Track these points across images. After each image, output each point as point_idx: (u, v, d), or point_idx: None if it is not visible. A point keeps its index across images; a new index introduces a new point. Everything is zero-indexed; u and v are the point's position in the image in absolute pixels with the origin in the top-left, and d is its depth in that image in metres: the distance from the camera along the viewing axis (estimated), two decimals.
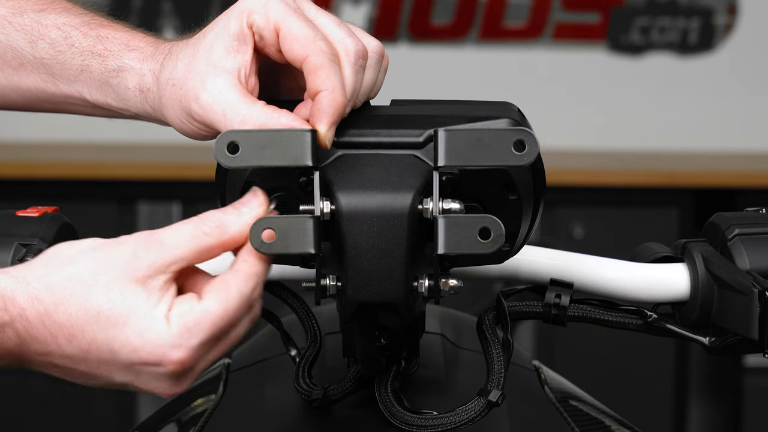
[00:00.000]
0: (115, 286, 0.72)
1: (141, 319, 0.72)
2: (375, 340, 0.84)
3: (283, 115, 0.78)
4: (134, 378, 0.74)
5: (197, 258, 0.74)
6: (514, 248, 0.84)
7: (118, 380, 0.74)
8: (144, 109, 0.87)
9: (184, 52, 0.83)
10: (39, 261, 0.74)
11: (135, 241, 0.74)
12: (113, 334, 0.72)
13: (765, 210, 0.90)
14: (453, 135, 0.75)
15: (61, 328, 0.72)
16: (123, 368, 0.73)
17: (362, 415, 0.89)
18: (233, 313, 0.73)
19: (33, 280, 0.73)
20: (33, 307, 0.72)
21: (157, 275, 0.73)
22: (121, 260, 0.73)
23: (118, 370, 0.73)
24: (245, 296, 0.74)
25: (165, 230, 0.74)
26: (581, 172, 3.12)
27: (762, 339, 0.80)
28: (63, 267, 0.73)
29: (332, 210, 0.75)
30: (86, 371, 0.74)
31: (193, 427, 0.95)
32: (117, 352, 0.72)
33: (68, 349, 0.73)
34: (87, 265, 0.73)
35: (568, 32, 3.50)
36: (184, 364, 0.72)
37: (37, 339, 0.73)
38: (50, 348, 0.73)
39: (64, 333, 0.72)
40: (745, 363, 3.08)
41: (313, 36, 0.78)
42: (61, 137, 3.27)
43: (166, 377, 0.73)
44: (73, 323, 0.72)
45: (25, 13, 0.92)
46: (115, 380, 0.74)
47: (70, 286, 0.72)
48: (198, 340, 0.72)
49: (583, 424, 0.97)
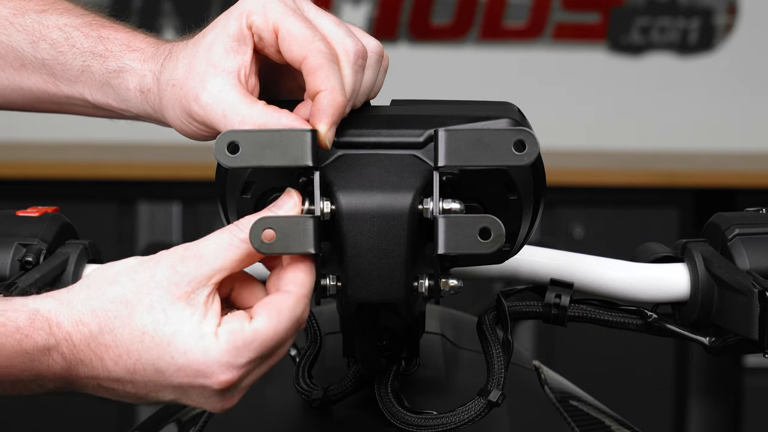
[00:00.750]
0: (158, 305, 0.72)
1: (186, 338, 0.72)
2: (375, 340, 0.84)
3: (284, 115, 0.78)
4: (182, 396, 0.74)
5: (238, 266, 0.74)
6: (514, 248, 0.84)
7: (167, 398, 0.74)
8: (144, 110, 0.87)
9: (184, 53, 0.83)
10: (81, 284, 0.75)
11: (173, 257, 0.74)
12: (158, 354, 0.72)
13: (765, 210, 0.90)
14: (453, 135, 0.75)
15: (107, 349, 0.73)
16: (170, 387, 0.73)
17: (362, 415, 0.89)
18: (283, 334, 0.73)
19: (77, 303, 0.73)
20: (78, 331, 0.73)
21: (199, 289, 0.73)
22: (162, 278, 0.73)
23: (165, 389, 0.74)
24: (296, 318, 0.74)
25: (202, 242, 0.74)
26: (581, 172, 3.12)
27: (762, 339, 0.80)
28: (106, 288, 0.74)
29: (332, 210, 0.75)
30: (134, 392, 0.74)
31: (193, 427, 0.95)
32: (163, 372, 0.73)
33: (115, 371, 0.73)
34: (129, 286, 0.73)
35: (568, 32, 3.50)
36: (231, 382, 0.73)
37: (83, 362, 0.73)
38: (97, 371, 0.73)
39: (110, 355, 0.73)
40: (745, 363, 3.08)
41: (311, 36, 0.78)
42: (61, 137, 3.27)
43: (214, 394, 0.74)
44: (118, 344, 0.72)
45: (27, 13, 0.92)
46: (163, 399, 0.74)
47: (114, 308, 0.73)
48: (246, 359, 0.73)
49: (583, 424, 0.97)
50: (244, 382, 0.74)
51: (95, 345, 0.72)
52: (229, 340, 0.72)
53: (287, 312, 0.74)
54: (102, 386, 0.74)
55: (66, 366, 0.73)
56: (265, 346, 0.73)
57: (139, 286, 0.73)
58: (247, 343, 0.72)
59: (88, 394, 0.75)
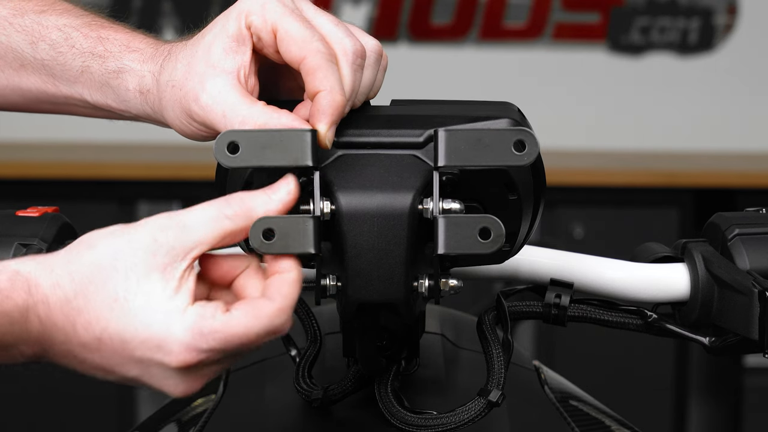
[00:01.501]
0: (132, 274, 0.72)
1: (152, 312, 0.71)
2: (375, 340, 0.84)
3: (284, 115, 0.78)
4: (144, 372, 0.73)
5: (219, 243, 0.74)
6: (514, 248, 0.84)
7: (131, 374, 0.74)
8: (144, 111, 0.87)
9: (183, 54, 0.83)
10: (65, 249, 0.74)
11: (154, 226, 0.73)
12: (124, 324, 0.72)
13: (765, 210, 0.90)
14: (453, 135, 0.75)
15: (80, 314, 0.72)
16: (133, 361, 0.73)
17: (362, 415, 0.89)
18: (253, 337, 0.73)
19: (56, 267, 0.73)
20: (54, 294, 0.72)
21: (177, 262, 0.72)
22: (140, 245, 0.72)
23: (130, 363, 0.73)
24: (272, 327, 0.73)
25: (187, 212, 0.74)
26: (581, 172, 3.12)
27: (762, 339, 0.80)
28: (84, 252, 0.73)
29: (332, 210, 0.75)
30: (101, 363, 0.74)
31: (193, 427, 0.95)
32: (128, 343, 0.72)
33: (85, 337, 0.72)
34: (106, 251, 0.73)
35: (568, 32, 3.50)
36: (189, 363, 0.72)
37: (57, 326, 0.72)
38: (69, 336, 0.73)
39: (81, 320, 0.72)
40: (745, 363, 3.08)
41: (310, 37, 0.78)
42: (61, 137, 3.27)
43: (173, 374, 0.73)
44: (89, 310, 0.72)
45: (26, 14, 0.92)
46: (128, 374, 0.74)
47: (89, 273, 0.72)
48: (208, 347, 0.72)
49: (583, 424, 0.97)
50: (203, 369, 0.73)
51: (68, 309, 0.72)
52: (196, 322, 0.71)
53: (265, 319, 0.72)
54: (73, 354, 0.73)
55: (42, 330, 0.72)
56: (230, 342, 0.72)
57: (116, 251, 0.72)
58: (213, 331, 0.71)
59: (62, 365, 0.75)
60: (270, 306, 0.73)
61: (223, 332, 0.72)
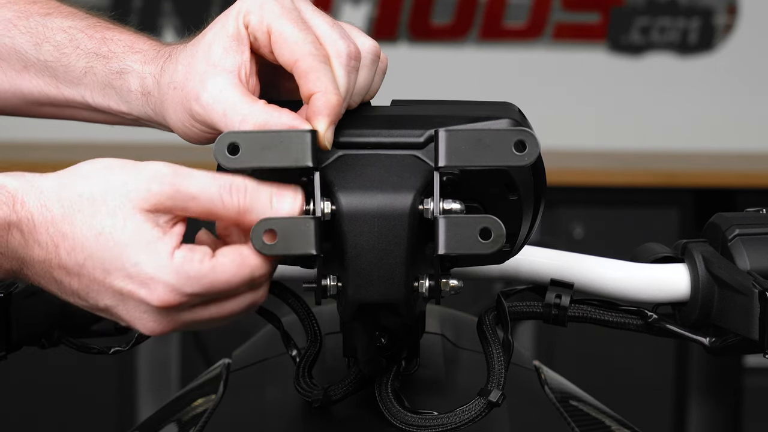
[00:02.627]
0: (120, 212, 0.73)
1: (140, 250, 0.73)
2: (375, 340, 0.84)
3: (284, 115, 0.78)
4: (119, 303, 0.75)
5: (204, 217, 0.75)
6: (514, 248, 0.84)
7: (104, 303, 0.75)
8: (146, 113, 0.87)
9: (184, 55, 0.83)
10: (57, 174, 0.76)
11: (152, 173, 0.74)
12: (110, 257, 0.73)
13: (765, 210, 0.90)
14: (453, 135, 0.75)
15: (64, 238, 0.74)
16: (111, 291, 0.74)
17: (362, 416, 0.89)
18: (235, 284, 0.74)
19: (46, 189, 0.74)
20: (41, 214, 0.74)
21: (163, 213, 0.74)
22: (133, 188, 0.74)
23: (107, 292, 0.74)
24: (256, 275, 0.74)
25: (188, 176, 0.74)
26: (581, 172, 3.12)
27: (762, 339, 0.80)
28: (77, 181, 0.75)
29: (333, 210, 0.75)
30: (78, 287, 0.75)
31: (193, 427, 0.95)
32: (110, 273, 0.73)
33: (66, 261, 0.74)
34: (99, 185, 0.74)
35: (568, 32, 3.50)
36: (171, 304, 0.73)
37: (40, 244, 0.74)
38: (50, 256, 0.74)
39: (65, 245, 0.74)
40: (745, 363, 3.08)
41: (302, 39, 0.78)
42: (62, 137, 3.27)
43: (150, 311, 0.74)
44: (75, 236, 0.73)
45: (31, 16, 0.92)
46: (101, 303, 0.75)
47: (80, 202, 0.74)
48: (193, 290, 0.73)
49: (583, 424, 0.97)
50: (181, 314, 0.75)
51: (54, 231, 0.74)
52: (183, 265, 0.73)
53: (249, 267, 0.74)
54: (51, 275, 0.75)
55: (23, 244, 0.74)
56: (215, 287, 0.73)
57: (108, 188, 0.74)
58: (200, 276, 0.73)
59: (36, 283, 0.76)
60: (255, 255, 0.74)
61: (209, 278, 0.73)
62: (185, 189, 0.74)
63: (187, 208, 0.74)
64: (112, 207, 0.73)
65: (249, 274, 0.74)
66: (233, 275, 0.74)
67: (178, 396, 1.09)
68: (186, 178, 0.74)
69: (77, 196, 0.74)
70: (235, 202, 0.74)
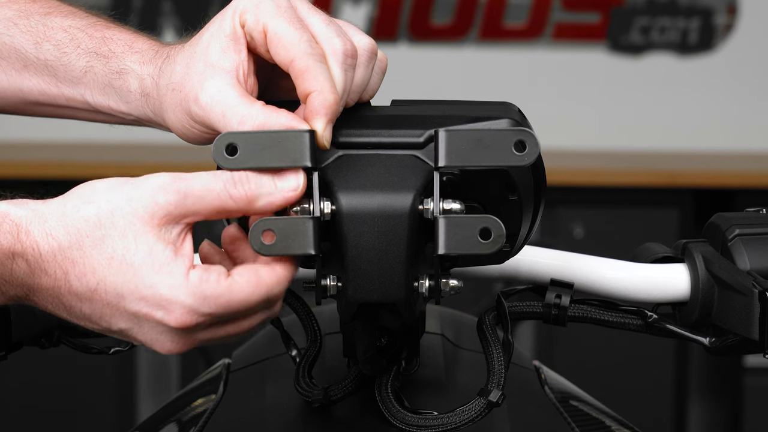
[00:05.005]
0: (130, 233, 0.72)
1: (155, 272, 0.72)
2: (375, 340, 0.84)
3: (282, 115, 0.77)
4: (134, 326, 0.74)
5: (215, 216, 0.75)
6: (514, 248, 0.84)
7: (118, 327, 0.74)
8: (145, 114, 0.87)
9: (181, 55, 0.83)
10: (59, 200, 0.75)
11: (156, 185, 0.74)
12: (123, 280, 0.72)
13: (765, 210, 0.90)
14: (453, 135, 0.75)
15: (74, 265, 0.73)
16: (126, 315, 0.73)
17: (362, 415, 0.89)
18: (254, 303, 0.74)
19: (50, 218, 0.73)
20: (47, 242, 0.73)
21: (172, 224, 0.73)
22: (139, 204, 0.73)
23: (121, 316, 0.74)
24: (272, 295, 0.74)
25: (191, 179, 0.74)
26: (581, 172, 3.12)
27: (762, 339, 0.80)
28: (81, 207, 0.74)
29: (333, 210, 0.75)
30: (90, 312, 0.74)
31: (193, 427, 0.95)
32: (124, 297, 0.73)
33: (77, 287, 0.73)
34: (104, 207, 0.73)
35: (568, 32, 3.50)
36: (188, 325, 0.73)
37: (47, 272, 0.73)
38: (59, 283, 0.73)
39: (75, 271, 0.73)
40: (745, 363, 3.08)
41: (298, 38, 0.77)
42: (62, 137, 3.27)
43: (167, 331, 0.74)
44: (85, 262, 0.73)
45: (32, 16, 0.92)
46: (114, 327, 0.74)
47: (87, 228, 0.73)
48: (210, 311, 0.73)
49: (583, 424, 0.97)
50: (198, 333, 0.74)
51: (62, 258, 0.73)
52: (199, 285, 0.72)
53: (266, 287, 0.74)
54: (61, 301, 0.74)
55: (29, 272, 0.73)
56: (231, 307, 0.73)
57: (114, 208, 0.73)
58: (216, 296, 0.72)
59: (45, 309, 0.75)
60: (272, 275, 0.74)
61: (226, 297, 0.73)
62: (191, 192, 0.74)
63: (197, 211, 0.74)
64: (121, 229, 0.73)
65: (265, 294, 0.74)
66: (250, 294, 0.73)
67: (178, 396, 1.09)
68: (188, 181, 0.74)
69: (83, 221, 0.73)
70: (242, 192, 0.74)
